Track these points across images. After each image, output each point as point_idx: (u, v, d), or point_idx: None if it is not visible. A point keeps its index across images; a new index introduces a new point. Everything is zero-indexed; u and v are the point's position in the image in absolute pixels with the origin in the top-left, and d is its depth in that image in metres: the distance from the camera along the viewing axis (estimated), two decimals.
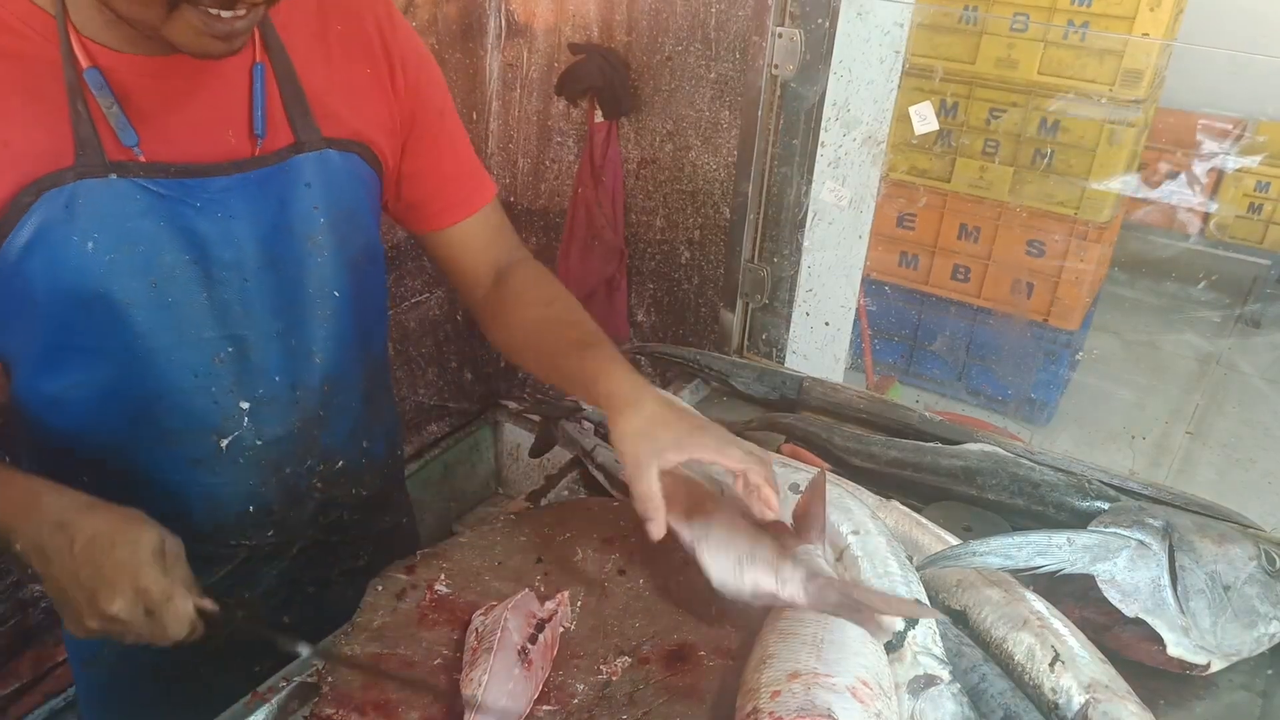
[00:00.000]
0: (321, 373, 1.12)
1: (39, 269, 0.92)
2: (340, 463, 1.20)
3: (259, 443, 1.09)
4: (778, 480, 1.02)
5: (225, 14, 0.84)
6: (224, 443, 1.07)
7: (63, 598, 0.88)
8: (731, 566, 0.96)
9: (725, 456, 0.98)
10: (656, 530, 0.96)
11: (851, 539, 1.08)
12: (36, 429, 1.05)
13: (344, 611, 1.05)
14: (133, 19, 0.85)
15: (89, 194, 0.92)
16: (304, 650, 0.98)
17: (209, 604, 0.91)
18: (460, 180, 1.21)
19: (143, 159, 0.94)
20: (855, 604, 0.91)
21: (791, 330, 1.91)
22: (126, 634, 0.89)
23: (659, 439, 0.96)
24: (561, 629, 1.01)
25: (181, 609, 0.89)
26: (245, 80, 0.99)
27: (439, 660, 0.99)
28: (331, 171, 1.06)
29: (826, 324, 1.97)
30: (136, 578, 0.87)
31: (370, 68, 1.09)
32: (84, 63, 0.90)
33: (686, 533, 1.00)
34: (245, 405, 1.07)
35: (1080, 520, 1.20)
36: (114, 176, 0.92)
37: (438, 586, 1.06)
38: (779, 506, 0.99)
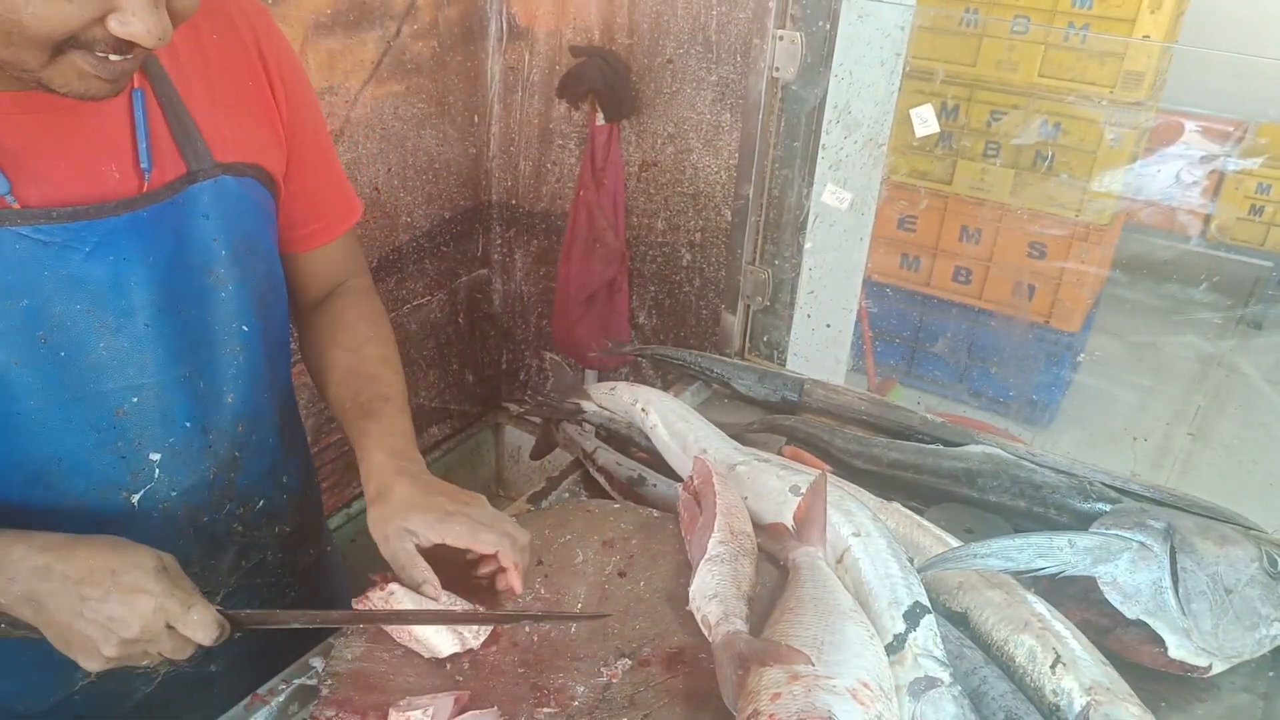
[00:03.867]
0: (234, 413, 1.07)
1: None
2: (260, 502, 1.15)
3: (173, 494, 1.03)
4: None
5: (114, 57, 0.78)
6: (135, 498, 1.00)
7: (69, 637, 0.86)
8: (703, 594, 1.01)
9: (478, 542, 1.00)
10: (432, 592, 0.98)
11: (853, 541, 1.07)
12: None
13: (274, 651, 1.04)
14: (6, 62, 0.77)
15: None
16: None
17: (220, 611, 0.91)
18: (330, 204, 1.18)
19: (16, 206, 0.85)
20: (755, 655, 0.90)
21: (793, 332, 1.91)
22: (149, 654, 0.88)
23: (410, 522, 0.99)
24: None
25: (206, 614, 0.88)
26: (125, 109, 0.91)
27: (436, 660, 0.99)
28: (229, 199, 0.99)
29: (828, 326, 1.97)
30: (150, 597, 0.86)
31: (251, 81, 1.02)
32: None
33: (696, 548, 1.07)
34: (155, 457, 1.00)
35: (1082, 522, 1.20)
36: None
37: None
38: (521, 589, 1.02)
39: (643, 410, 1.43)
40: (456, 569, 1.03)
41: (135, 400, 0.97)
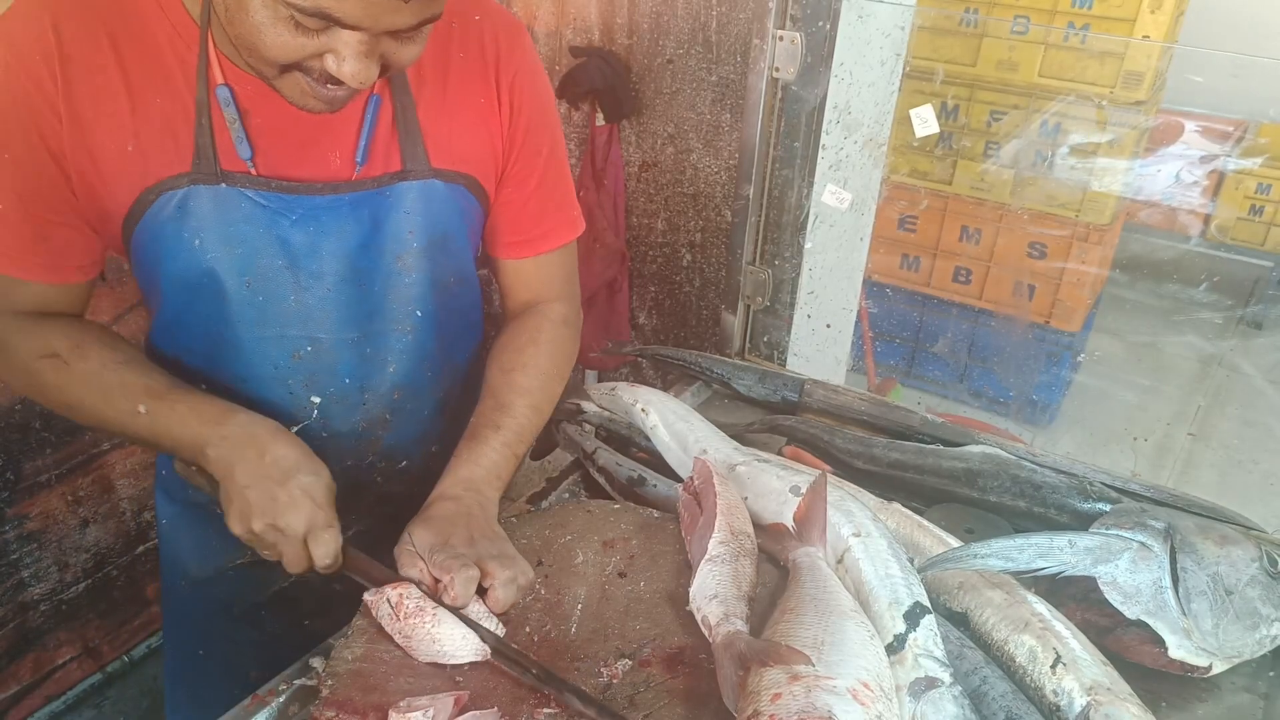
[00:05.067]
0: (393, 381, 1.20)
1: (157, 257, 1.06)
2: (403, 463, 1.27)
3: (324, 435, 1.17)
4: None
5: (329, 86, 0.94)
6: (293, 429, 1.13)
7: (235, 498, 0.99)
8: (703, 594, 1.01)
9: (434, 570, 1.01)
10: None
11: (853, 541, 1.07)
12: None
13: None
14: (252, 65, 0.96)
15: (199, 198, 1.03)
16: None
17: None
18: (537, 223, 1.26)
19: (253, 172, 1.04)
20: (755, 655, 0.89)
21: (793, 333, 1.91)
22: (276, 547, 0.99)
23: (413, 530, 1.06)
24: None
25: (333, 540, 1.00)
26: (359, 111, 1.07)
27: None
28: (434, 200, 1.13)
29: (828, 326, 1.97)
30: (311, 502, 0.99)
31: (483, 98, 1.14)
32: (218, 78, 1.01)
33: (697, 548, 1.06)
34: (316, 400, 1.16)
35: (1082, 522, 1.20)
36: (223, 185, 1.03)
37: None
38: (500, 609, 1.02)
39: (643, 411, 1.43)
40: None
41: (309, 349, 1.14)
